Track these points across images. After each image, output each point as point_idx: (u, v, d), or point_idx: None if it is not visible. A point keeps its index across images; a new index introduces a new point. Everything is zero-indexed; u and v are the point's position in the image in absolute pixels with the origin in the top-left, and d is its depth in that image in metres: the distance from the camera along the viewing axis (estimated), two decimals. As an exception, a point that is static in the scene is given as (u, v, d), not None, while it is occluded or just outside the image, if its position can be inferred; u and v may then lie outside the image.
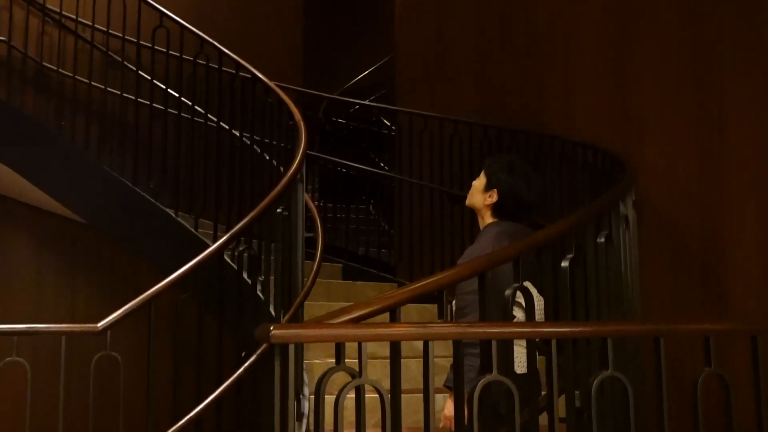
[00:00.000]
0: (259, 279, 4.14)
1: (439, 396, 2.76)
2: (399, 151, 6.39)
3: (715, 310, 4.03)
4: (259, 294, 4.12)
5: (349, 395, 1.97)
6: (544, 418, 2.32)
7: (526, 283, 2.54)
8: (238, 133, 5.11)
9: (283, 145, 4.98)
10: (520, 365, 2.69)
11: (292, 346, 2.01)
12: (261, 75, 4.97)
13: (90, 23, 5.52)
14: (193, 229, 5.01)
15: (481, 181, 3.10)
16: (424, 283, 2.29)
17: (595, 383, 2.28)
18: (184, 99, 5.31)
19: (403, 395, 2.11)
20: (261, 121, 5.15)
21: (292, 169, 4.00)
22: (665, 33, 4.52)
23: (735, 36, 4.13)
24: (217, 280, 3.83)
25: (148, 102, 5.30)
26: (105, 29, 5.54)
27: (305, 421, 3.69)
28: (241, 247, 4.03)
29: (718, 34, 4.22)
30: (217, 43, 5.16)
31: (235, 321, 3.82)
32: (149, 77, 5.32)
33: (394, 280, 6.09)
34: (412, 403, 3.00)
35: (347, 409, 1.99)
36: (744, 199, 4.00)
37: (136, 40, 5.38)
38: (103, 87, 5.41)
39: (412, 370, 4.05)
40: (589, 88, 5.03)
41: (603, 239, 2.91)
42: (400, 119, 6.52)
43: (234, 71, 5.11)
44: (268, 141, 5.16)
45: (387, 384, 2.06)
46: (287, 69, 7.47)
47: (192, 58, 5.19)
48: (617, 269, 3.07)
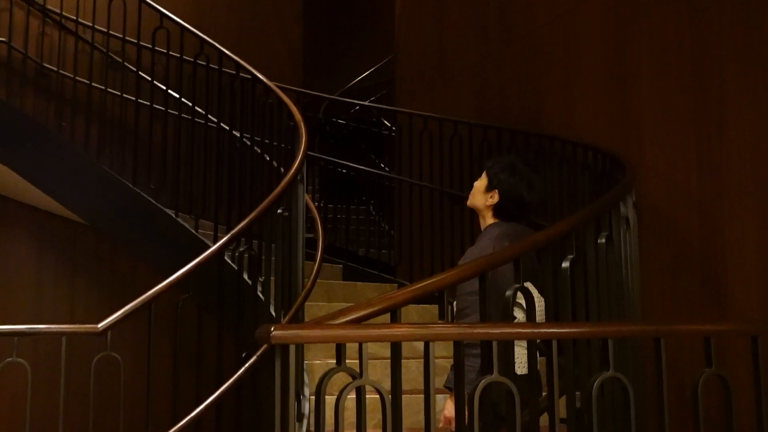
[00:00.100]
0: (260, 280, 4.14)
1: (440, 396, 2.76)
2: (399, 151, 6.39)
3: (715, 311, 4.03)
4: (259, 295, 4.12)
5: (350, 396, 1.97)
6: (545, 419, 2.33)
7: (527, 284, 2.54)
8: (239, 134, 5.12)
9: (283, 145, 4.98)
10: (521, 366, 2.69)
11: (293, 347, 2.01)
12: (261, 76, 4.97)
13: (90, 24, 5.52)
14: (193, 230, 5.01)
15: (483, 181, 3.11)
16: (425, 283, 2.29)
17: (595, 384, 2.28)
18: (184, 100, 5.31)
19: (404, 396, 2.11)
20: (261, 121, 5.15)
21: (293, 169, 4.00)
22: (665, 34, 4.52)
23: (735, 37, 4.13)
24: (218, 280, 3.83)
25: (149, 103, 5.30)
26: (105, 30, 5.54)
27: (306, 421, 3.69)
28: (242, 248, 4.03)
29: (718, 35, 4.22)
30: (218, 44, 5.16)
31: (236, 322, 3.82)
32: (149, 78, 5.32)
33: (395, 280, 6.09)
34: (413, 404, 3.00)
35: (348, 410, 1.99)
36: (743, 199, 4.00)
37: (136, 41, 5.38)
38: (103, 88, 5.42)
39: (412, 370, 4.05)
40: (589, 89, 5.03)
41: (603, 240, 2.91)
42: (400, 120, 6.52)
43: (234, 72, 5.11)
44: (268, 142, 5.17)
45: (387, 385, 2.06)
46: (287, 70, 7.48)
47: (192, 59, 5.20)
48: (618, 270, 3.07)
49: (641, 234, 3.66)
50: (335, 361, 2.02)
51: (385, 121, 8.34)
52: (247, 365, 3.50)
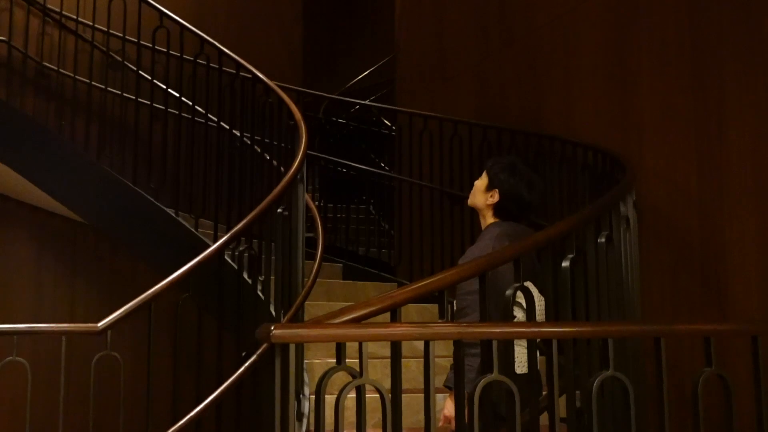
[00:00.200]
0: (260, 279, 4.14)
1: (440, 396, 2.76)
2: (399, 151, 6.39)
3: (715, 311, 4.03)
4: (259, 294, 4.11)
5: (350, 395, 1.97)
6: (545, 418, 2.33)
7: (527, 284, 2.54)
8: (239, 133, 5.11)
9: (283, 145, 4.98)
10: (521, 365, 2.69)
11: (293, 346, 2.01)
12: (261, 75, 4.97)
13: (90, 23, 5.52)
14: (193, 229, 5.01)
15: (483, 181, 3.11)
16: (425, 283, 2.29)
17: (595, 383, 2.28)
18: (184, 99, 5.31)
19: (404, 395, 2.11)
20: (261, 121, 5.15)
21: (293, 169, 4.00)
22: (665, 34, 4.52)
23: (735, 37, 4.13)
24: (218, 280, 3.83)
25: (149, 102, 5.30)
26: (105, 29, 5.54)
27: (305, 421, 3.69)
28: (242, 247, 4.03)
29: (718, 35, 4.21)
30: (218, 44, 5.16)
31: (236, 321, 3.81)
32: (149, 77, 5.32)
33: (395, 280, 6.09)
34: (413, 403, 3.00)
35: (348, 409, 1.99)
36: (743, 199, 4.00)
37: (136, 40, 5.38)
38: (103, 87, 5.42)
39: (412, 370, 4.05)
40: (589, 89, 5.03)
41: (603, 239, 2.91)
42: (400, 119, 6.52)
43: (234, 71, 5.11)
44: (268, 141, 5.16)
45: (387, 384, 2.06)
46: (287, 69, 7.48)
47: (192, 58, 5.19)
48: (618, 269, 3.07)
49: (641, 234, 3.66)
50: (335, 360, 2.02)
51: (385, 121, 8.35)
52: (246, 364, 3.50)
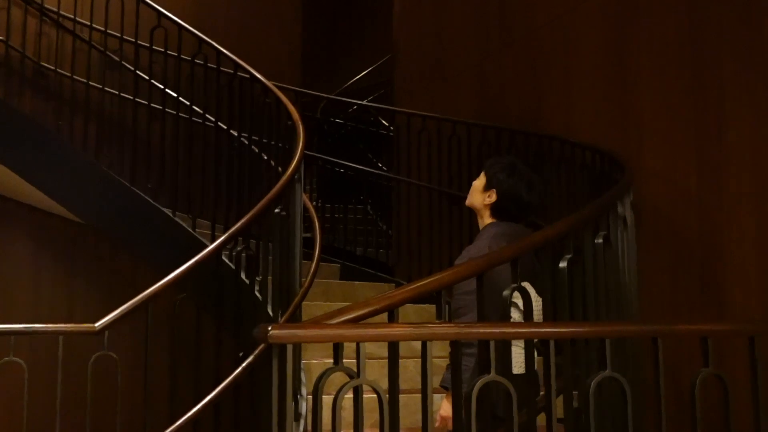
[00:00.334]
0: (257, 279, 4.13)
1: (437, 396, 2.76)
2: (397, 151, 6.39)
3: (714, 312, 4.03)
4: (257, 294, 4.11)
5: (347, 395, 1.97)
6: (542, 419, 2.32)
7: (525, 284, 2.54)
8: (237, 134, 5.11)
9: (281, 145, 4.97)
10: (518, 365, 2.69)
11: (290, 347, 2.01)
12: (259, 75, 4.97)
13: (88, 23, 5.51)
14: (191, 229, 5.01)
15: (481, 181, 3.11)
16: (423, 283, 2.29)
17: (593, 384, 2.28)
18: (182, 99, 5.31)
19: (401, 395, 2.10)
20: (259, 121, 5.14)
21: (290, 169, 4.00)
22: (664, 34, 4.52)
23: (735, 38, 4.13)
24: (215, 280, 3.83)
25: (147, 102, 5.29)
26: (103, 29, 5.53)
27: (303, 421, 3.68)
28: (239, 247, 4.03)
29: (718, 36, 4.21)
30: (216, 44, 5.15)
31: (233, 321, 3.81)
32: (147, 77, 5.31)
33: (393, 280, 6.09)
34: (410, 404, 2.99)
35: (345, 410, 1.99)
36: (742, 200, 4.00)
37: (134, 40, 5.38)
38: (101, 87, 5.41)
39: (410, 370, 4.05)
40: (588, 90, 5.03)
41: (601, 240, 2.91)
42: (398, 119, 6.52)
43: (232, 71, 5.10)
44: (266, 141, 5.16)
45: (385, 384, 2.06)
46: (286, 69, 7.47)
47: (190, 58, 5.19)
48: (615, 270, 3.07)
49: (640, 234, 3.66)
50: (333, 360, 2.02)
51: (383, 121, 8.34)
52: (244, 365, 3.49)
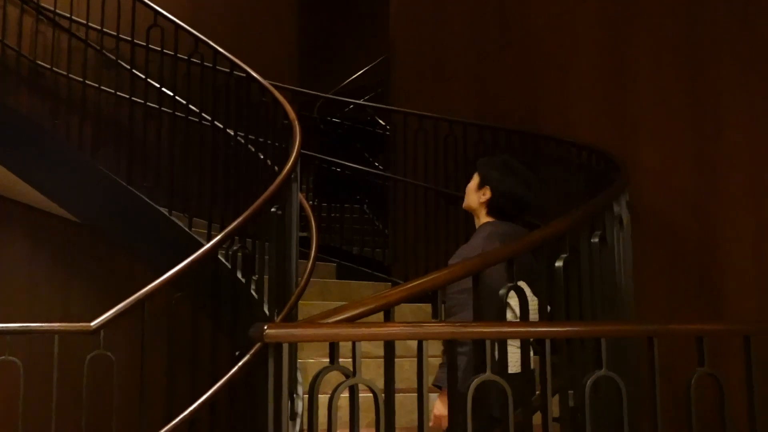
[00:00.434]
0: (253, 278, 4.13)
1: (433, 395, 2.76)
2: (394, 150, 6.39)
3: (710, 312, 4.04)
4: (253, 293, 4.11)
5: (343, 395, 1.97)
6: (538, 418, 2.32)
7: (521, 283, 2.54)
8: (233, 133, 5.11)
9: (277, 144, 4.97)
10: (512, 365, 2.69)
11: (286, 346, 2.01)
12: (256, 74, 4.96)
13: (84, 22, 5.50)
14: (187, 229, 5.00)
15: (475, 181, 3.10)
16: (418, 282, 2.29)
17: (588, 383, 2.28)
18: (178, 98, 5.30)
19: (397, 395, 2.10)
20: (256, 120, 5.14)
21: (287, 168, 4.00)
22: (661, 35, 4.53)
23: (731, 38, 4.14)
24: (211, 279, 3.83)
25: (143, 101, 5.28)
26: (99, 28, 5.52)
27: (299, 420, 3.68)
28: (235, 247, 4.02)
29: (714, 36, 4.22)
30: (212, 42, 5.14)
31: (229, 320, 3.81)
32: (144, 76, 5.30)
33: (389, 279, 6.09)
34: (407, 403, 3.00)
35: (341, 409, 1.99)
36: (739, 200, 4.01)
37: (130, 39, 5.37)
38: (97, 86, 5.40)
39: (406, 369, 4.04)
40: (586, 90, 5.03)
41: (597, 239, 2.91)
42: (395, 119, 6.52)
43: (229, 70, 5.10)
44: (262, 140, 5.16)
45: (381, 383, 2.06)
46: (282, 68, 7.46)
47: (186, 57, 5.18)
48: (611, 269, 3.07)
49: (637, 234, 3.66)
50: (329, 360, 2.02)
51: (380, 120, 8.34)
52: (240, 364, 3.49)
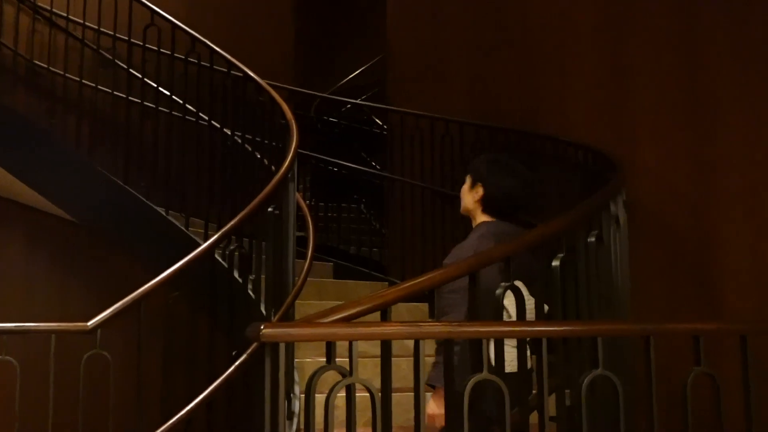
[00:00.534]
0: (250, 278, 4.13)
1: (429, 395, 2.76)
2: (391, 150, 6.39)
3: (707, 311, 4.04)
4: (250, 293, 4.11)
5: (340, 394, 1.97)
6: (535, 417, 2.33)
7: (518, 283, 2.54)
8: (230, 132, 5.10)
9: (274, 143, 4.97)
10: (508, 364, 2.69)
11: (283, 345, 2.00)
12: (253, 74, 4.96)
13: (81, 21, 5.50)
14: (183, 228, 5.00)
15: (467, 181, 3.10)
16: (415, 282, 2.29)
17: (585, 382, 2.28)
18: (175, 98, 5.30)
19: (394, 394, 2.11)
20: (253, 119, 5.14)
21: (284, 167, 4.00)
22: (659, 35, 4.53)
23: (728, 38, 4.14)
24: (208, 278, 3.82)
25: (140, 101, 5.28)
26: (96, 27, 5.52)
27: (296, 420, 3.68)
28: (232, 246, 4.02)
29: (711, 36, 4.23)
30: (209, 42, 5.14)
31: (226, 320, 3.81)
32: (140, 76, 5.30)
33: (386, 279, 6.09)
34: (403, 402, 3.00)
35: (338, 408, 1.99)
36: (737, 199, 4.01)
37: (127, 38, 5.36)
38: (94, 85, 5.40)
39: (402, 369, 4.05)
40: (583, 90, 5.03)
41: (593, 239, 2.91)
42: (392, 118, 6.52)
43: (226, 70, 5.09)
44: (259, 140, 5.15)
45: (377, 383, 2.06)
46: (279, 68, 7.45)
47: (183, 57, 5.18)
48: (608, 269, 3.07)
49: (633, 234, 3.66)
50: (325, 359, 2.02)
51: (377, 120, 8.34)
52: (237, 363, 3.49)
